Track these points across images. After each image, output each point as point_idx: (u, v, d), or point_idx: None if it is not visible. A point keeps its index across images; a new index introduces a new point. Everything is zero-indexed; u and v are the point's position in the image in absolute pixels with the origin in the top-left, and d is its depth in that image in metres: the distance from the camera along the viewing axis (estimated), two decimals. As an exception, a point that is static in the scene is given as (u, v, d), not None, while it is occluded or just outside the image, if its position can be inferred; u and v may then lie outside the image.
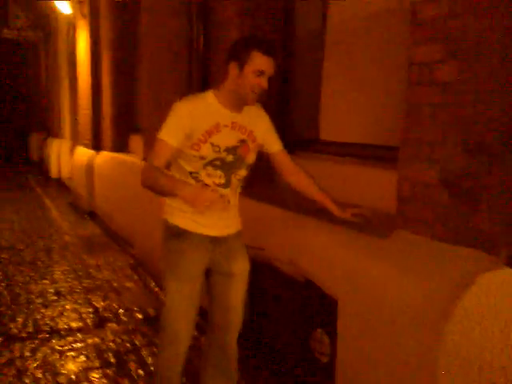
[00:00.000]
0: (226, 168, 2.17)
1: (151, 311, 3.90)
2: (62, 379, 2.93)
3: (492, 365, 1.49)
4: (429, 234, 2.16)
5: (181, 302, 2.21)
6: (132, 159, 6.09)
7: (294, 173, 2.41)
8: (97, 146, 7.72)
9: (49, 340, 3.41)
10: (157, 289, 4.34)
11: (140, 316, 3.84)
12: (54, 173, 11.33)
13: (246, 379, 2.91)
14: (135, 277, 4.77)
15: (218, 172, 2.15)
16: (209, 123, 2.12)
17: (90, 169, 7.47)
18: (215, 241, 2.24)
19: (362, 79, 3.11)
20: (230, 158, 2.16)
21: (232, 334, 2.38)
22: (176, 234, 2.20)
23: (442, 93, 2.09)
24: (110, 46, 7.04)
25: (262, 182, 3.31)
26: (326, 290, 2.43)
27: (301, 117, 3.72)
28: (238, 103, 2.18)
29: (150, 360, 3.09)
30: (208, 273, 2.31)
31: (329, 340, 2.47)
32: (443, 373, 1.46)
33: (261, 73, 2.08)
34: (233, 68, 2.11)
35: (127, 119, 7.02)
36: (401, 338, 1.96)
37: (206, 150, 2.11)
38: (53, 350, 3.28)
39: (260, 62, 2.07)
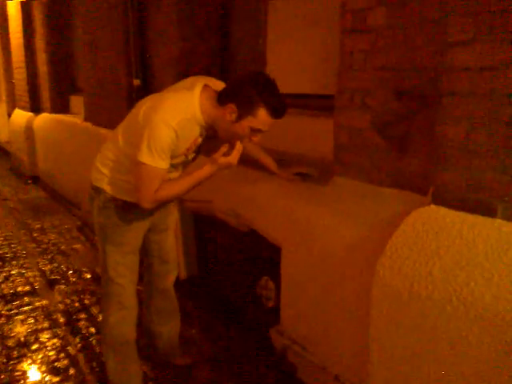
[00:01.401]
0: (186, 164, 2.14)
1: (100, 270, 3.91)
2: (10, 342, 2.92)
3: (419, 294, 1.61)
4: (365, 178, 2.26)
5: (125, 273, 2.20)
6: (73, 120, 5.94)
7: None
8: (35, 107, 7.46)
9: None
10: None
11: (89, 276, 3.85)
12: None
13: (196, 327, 3.01)
14: (82, 238, 4.74)
15: (179, 169, 2.12)
16: (190, 141, 1.99)
17: (29, 132, 7.22)
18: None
19: (300, 30, 3.13)
20: (191, 155, 2.10)
21: (171, 279, 2.50)
22: (120, 207, 2.12)
23: (373, 39, 2.15)
24: (42, 2, 6.73)
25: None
26: (270, 239, 2.52)
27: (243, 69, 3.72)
28: (215, 127, 2.01)
29: (100, 317, 3.12)
30: None
31: (274, 285, 2.58)
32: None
33: (258, 131, 1.93)
34: (230, 110, 1.88)
35: (66, 79, 6.77)
36: (338, 277, 2.07)
37: (178, 160, 2.03)
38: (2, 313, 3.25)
39: (264, 121, 1.88)
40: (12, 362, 2.73)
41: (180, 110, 1.90)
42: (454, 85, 1.73)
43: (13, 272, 3.95)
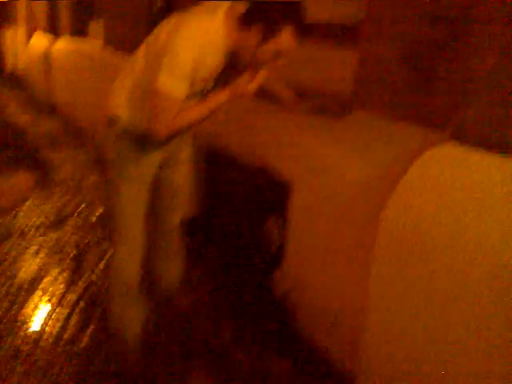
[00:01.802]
0: (203, 95, 2.06)
1: (110, 205, 3.96)
2: (22, 275, 3.04)
3: (425, 236, 1.57)
4: (385, 113, 2.18)
5: (135, 208, 2.20)
6: (93, 45, 5.91)
7: None
8: (55, 31, 7.44)
9: (6, 239, 3.49)
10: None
11: (101, 210, 3.93)
12: (8, 66, 10.94)
13: (199, 269, 3.07)
14: (97, 172, 4.81)
15: (197, 98, 2.05)
16: (212, 67, 1.94)
17: (47, 59, 7.24)
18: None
19: None
20: (210, 84, 2.04)
21: (179, 218, 2.49)
22: (135, 138, 2.09)
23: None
24: None
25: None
26: (280, 176, 2.50)
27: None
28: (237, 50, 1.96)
29: (109, 253, 3.19)
30: None
31: (280, 227, 2.57)
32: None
33: (282, 54, 1.88)
34: (254, 32, 1.83)
35: (86, 1, 6.71)
36: (346, 216, 2.06)
37: (197, 88, 1.97)
38: (11, 248, 3.37)
39: (289, 43, 1.84)
40: (22, 296, 2.85)
41: (203, 33, 1.86)
42: (486, 12, 1.64)
43: (25, 206, 4.05)
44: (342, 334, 2.13)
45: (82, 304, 2.76)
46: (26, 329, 2.59)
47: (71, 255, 3.27)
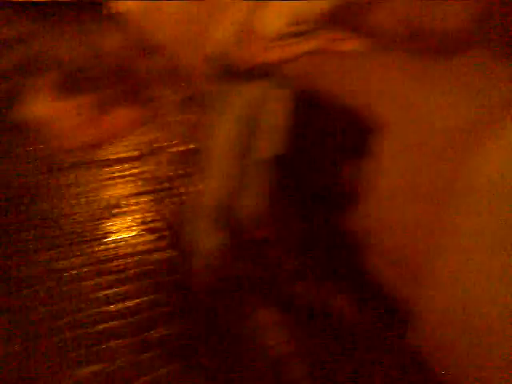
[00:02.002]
0: (309, 35, 2.12)
1: (201, 142, 4.02)
2: (112, 201, 3.28)
3: (510, 196, 1.51)
4: (502, 54, 2.06)
5: (227, 145, 2.30)
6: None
7: None
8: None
9: (91, 168, 3.69)
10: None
11: (192, 146, 4.04)
12: (106, 8, 11.08)
13: (277, 205, 3.00)
14: (190, 110, 4.83)
15: (297, 39, 2.10)
16: (318, 10, 2.02)
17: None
18: None
19: None
20: (316, 28, 2.09)
21: (267, 155, 2.54)
22: (232, 74, 2.17)
23: None
24: None
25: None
26: (368, 116, 2.45)
27: None
28: None
29: (194, 186, 3.32)
30: None
31: (361, 168, 2.53)
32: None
33: None
34: None
35: None
36: (432, 164, 2.02)
37: (294, 28, 2.06)
38: (97, 175, 3.59)
39: None
40: (104, 216, 3.11)
41: None
42: None
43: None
44: (408, 274, 2.13)
45: (166, 233, 2.96)
46: (107, 242, 2.88)
47: (157, 187, 3.45)
